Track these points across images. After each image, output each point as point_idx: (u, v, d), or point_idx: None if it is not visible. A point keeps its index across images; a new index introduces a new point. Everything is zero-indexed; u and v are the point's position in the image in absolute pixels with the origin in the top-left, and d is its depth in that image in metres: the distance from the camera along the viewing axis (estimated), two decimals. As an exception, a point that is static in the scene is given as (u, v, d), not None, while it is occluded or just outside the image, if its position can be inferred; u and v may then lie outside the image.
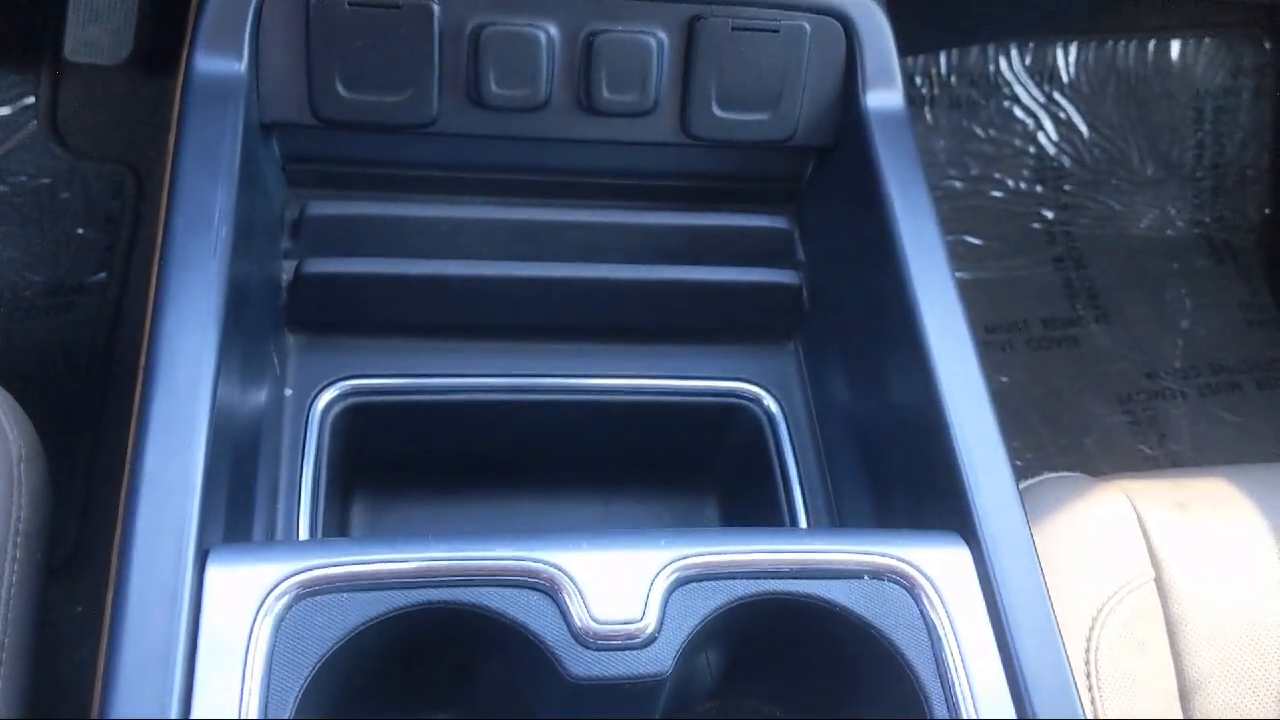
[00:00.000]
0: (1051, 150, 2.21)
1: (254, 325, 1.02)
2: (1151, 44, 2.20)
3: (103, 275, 1.84)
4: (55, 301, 1.83)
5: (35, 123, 1.94)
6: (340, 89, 1.07)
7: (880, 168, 1.08)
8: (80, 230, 1.88)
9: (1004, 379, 2.01)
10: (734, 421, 1.20)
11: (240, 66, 1.02)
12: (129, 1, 1.77)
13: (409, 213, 1.15)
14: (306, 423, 1.10)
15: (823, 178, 1.21)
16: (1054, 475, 1.26)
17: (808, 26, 1.12)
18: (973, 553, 0.90)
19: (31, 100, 1.93)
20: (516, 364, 1.17)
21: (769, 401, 1.19)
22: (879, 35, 1.13)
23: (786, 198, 1.24)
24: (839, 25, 1.13)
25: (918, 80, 2.15)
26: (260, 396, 1.05)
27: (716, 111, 1.15)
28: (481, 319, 1.17)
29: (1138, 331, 2.13)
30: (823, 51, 1.13)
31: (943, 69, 2.16)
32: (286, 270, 1.13)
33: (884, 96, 1.13)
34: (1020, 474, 0.98)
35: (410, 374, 1.15)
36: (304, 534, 1.04)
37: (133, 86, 1.94)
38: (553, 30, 1.09)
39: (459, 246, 1.15)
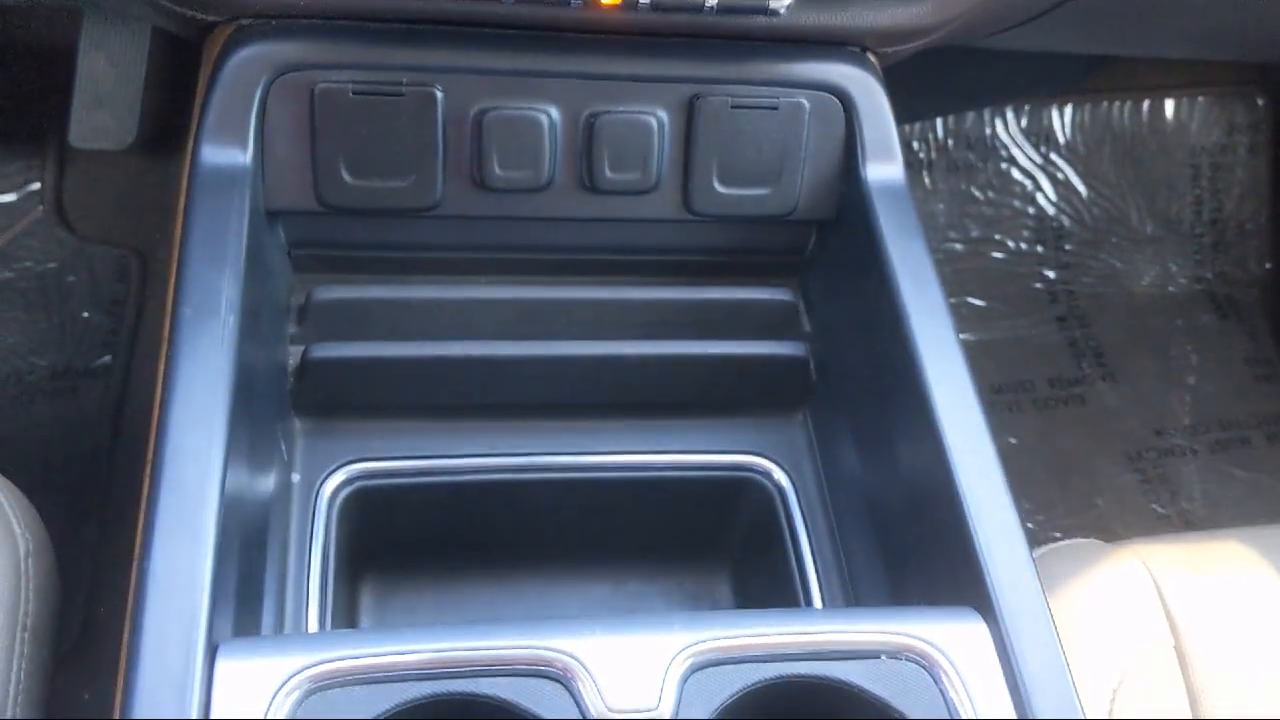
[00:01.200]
0: (1050, 210, 2.22)
1: (261, 412, 1.02)
2: (1146, 103, 2.22)
3: (108, 358, 1.85)
4: (60, 385, 1.84)
5: (41, 208, 1.95)
6: (345, 175, 1.08)
7: (882, 239, 1.08)
8: (85, 314, 1.89)
9: (1013, 440, 2.01)
10: (744, 496, 1.19)
11: (245, 156, 1.03)
12: (134, 87, 1.79)
13: (414, 295, 1.15)
14: (314, 509, 1.09)
15: (825, 250, 1.21)
16: (1068, 542, 1.25)
17: (806, 103, 1.13)
18: (990, 628, 0.89)
19: (37, 186, 1.95)
20: (524, 442, 1.17)
21: (779, 475, 1.18)
22: (877, 110, 1.14)
23: (790, 270, 1.24)
24: (837, 101, 1.14)
25: (915, 145, 2.17)
26: (268, 483, 1.05)
27: (718, 188, 1.15)
28: (488, 398, 1.17)
29: (1144, 389, 2.12)
30: (822, 127, 1.14)
31: (940, 133, 2.18)
32: (293, 355, 1.13)
33: (884, 169, 1.14)
34: (1033, 538, 0.98)
35: (417, 455, 1.15)
36: (313, 624, 1.03)
37: (138, 170, 1.96)
38: (554, 113, 1.10)
39: (465, 327, 1.16)
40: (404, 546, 1.19)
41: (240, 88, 1.04)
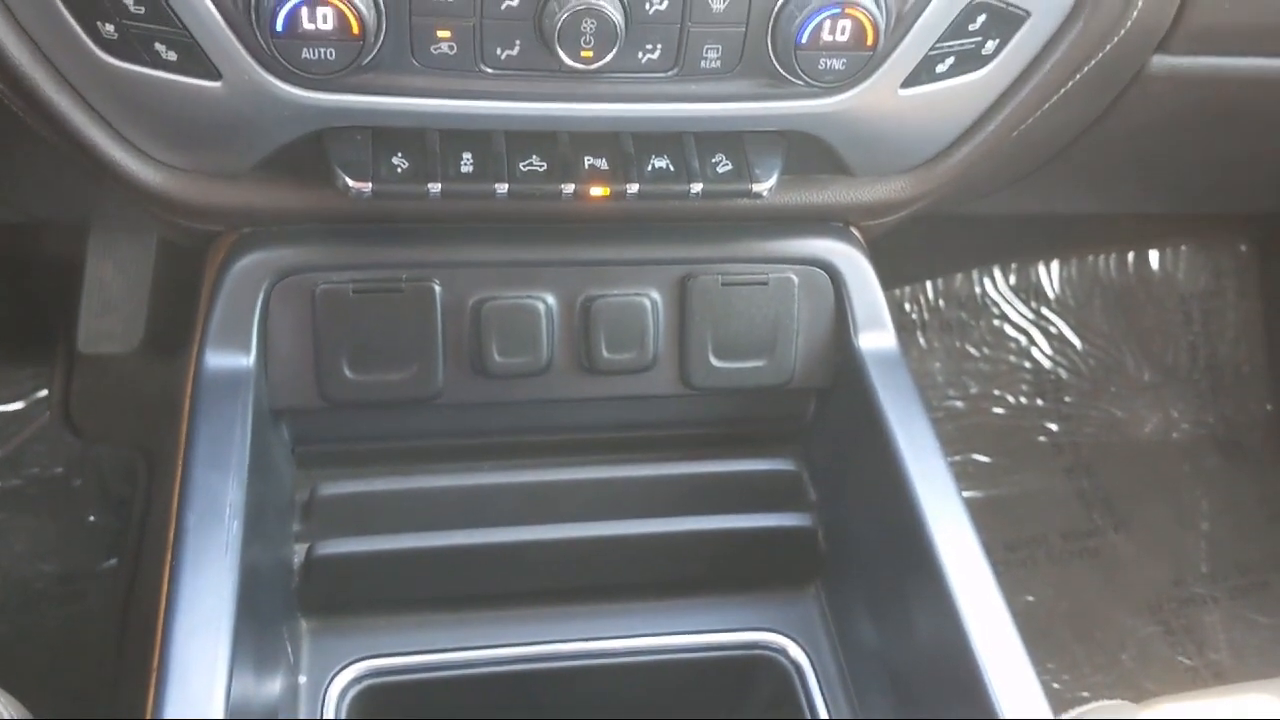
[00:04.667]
0: (1047, 364, 2.24)
1: (266, 613, 1.01)
2: (1130, 255, 2.26)
3: (114, 561, 1.83)
4: (67, 590, 1.82)
5: (48, 414, 1.97)
6: (347, 371, 1.10)
7: (881, 407, 1.09)
8: (91, 517, 1.88)
9: (1030, 598, 1.97)
10: (760, 675, 1.17)
11: (249, 359, 1.05)
12: (141, 292, 1.83)
13: (417, 485, 1.16)
14: (322, 709, 1.07)
15: (825, 417, 1.22)
16: (1096, 705, 1.22)
17: (795, 277, 1.16)
18: (1020, 802, 0.87)
19: (45, 393, 1.97)
20: (534, 629, 1.16)
21: (795, 651, 1.16)
22: (864, 281, 1.17)
23: (791, 439, 1.25)
24: (825, 274, 1.16)
25: (907, 307, 2.21)
26: (274, 687, 1.03)
27: (714, 362, 1.17)
28: (496, 587, 1.16)
29: (1158, 537, 2.10)
30: (812, 299, 1.17)
31: (930, 294, 2.22)
32: (298, 553, 1.12)
33: (876, 338, 1.16)
34: (1059, 699, 0.96)
35: (425, 650, 1.13)
36: None
37: (144, 372, 1.98)
38: (550, 299, 1.13)
39: (470, 515, 1.16)
40: None
41: (243, 293, 1.06)
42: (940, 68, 1.02)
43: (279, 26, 0.86)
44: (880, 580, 1.11)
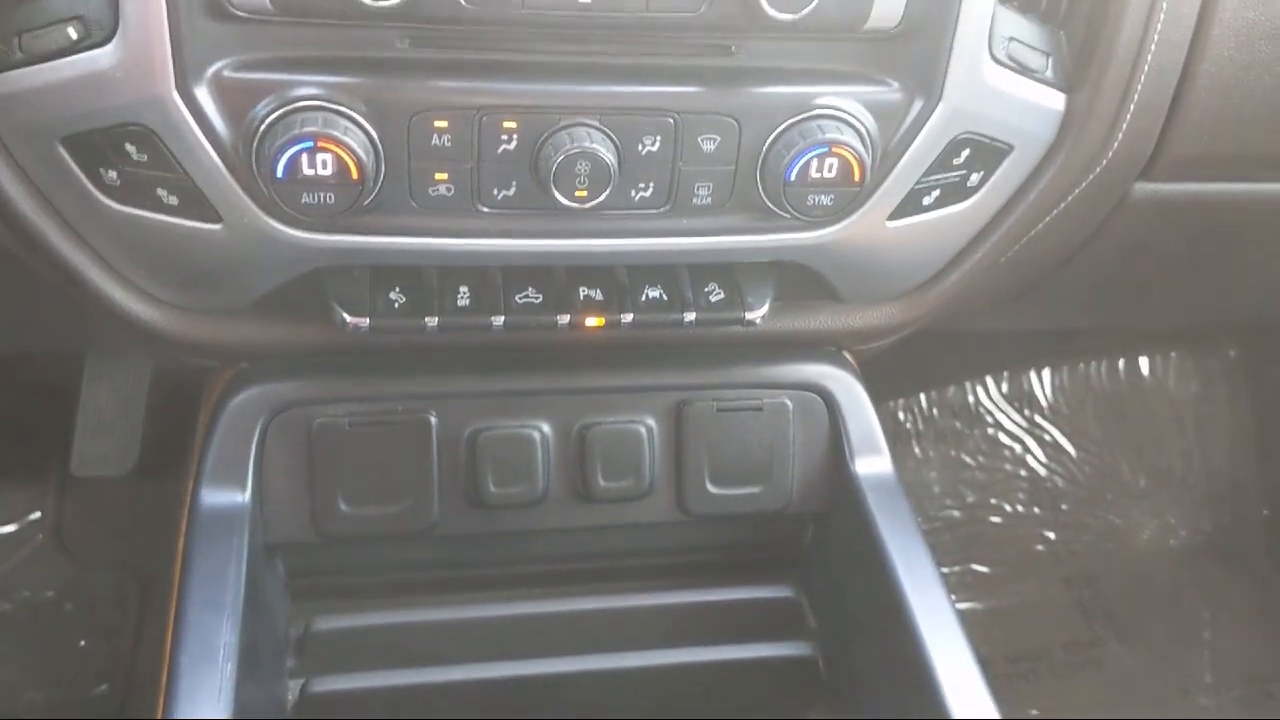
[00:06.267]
0: (1043, 472, 2.24)
1: (260, 756, 1.00)
2: (1121, 362, 2.27)
3: (105, 688, 1.81)
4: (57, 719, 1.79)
5: (40, 536, 1.96)
6: (342, 505, 1.10)
7: (879, 535, 1.09)
8: (82, 642, 1.86)
9: (1034, 711, 1.94)
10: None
11: (244, 495, 1.05)
12: (135, 414, 1.83)
13: (413, 619, 1.15)
14: None
15: (823, 542, 1.22)
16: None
17: (789, 402, 1.16)
18: None
19: (37, 515, 1.96)
20: None
21: (797, 783, 1.14)
22: (858, 405, 1.17)
23: (789, 564, 1.24)
24: (819, 399, 1.17)
25: (901, 415, 2.21)
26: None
27: (711, 488, 1.17)
28: None
29: (1161, 647, 2.08)
30: (807, 423, 1.17)
31: (924, 403, 2.22)
32: (292, 690, 1.11)
33: (872, 462, 1.16)
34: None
35: None
36: None
37: (136, 494, 1.97)
38: (546, 428, 1.13)
39: (465, 649, 1.14)
40: None
41: (240, 429, 1.07)
42: (926, 200, 1.04)
43: (279, 173, 0.88)
44: (883, 710, 1.10)
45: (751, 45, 0.94)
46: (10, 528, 1.94)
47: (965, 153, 1.01)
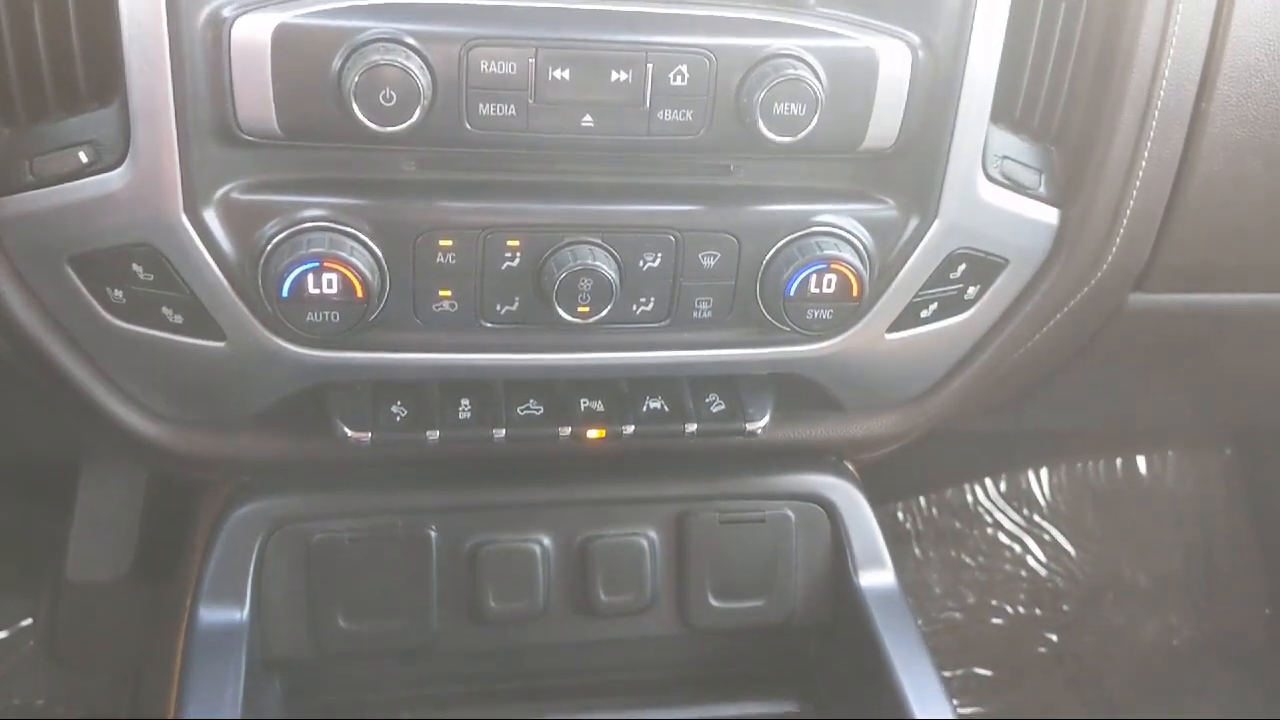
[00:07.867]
0: (1043, 572, 2.22)
1: None
2: (1119, 461, 2.27)
3: (94, 803, 1.77)
4: (43, 833, 1.75)
5: (31, 643, 1.93)
6: (341, 622, 1.09)
7: (885, 651, 1.08)
8: (73, 752, 1.83)
9: (1040, 818, 1.91)
10: None
11: (242, 613, 1.04)
12: (131, 517, 1.82)
13: None
14: None
15: (827, 657, 1.20)
16: None
17: (791, 514, 1.16)
18: None
19: (29, 622, 1.94)
20: None
21: None
22: (860, 516, 1.17)
23: (793, 679, 1.23)
24: (821, 509, 1.17)
25: (900, 516, 2.20)
26: None
27: (713, 602, 1.16)
28: None
29: (1167, 750, 2.05)
30: (810, 535, 1.17)
31: (924, 503, 2.22)
32: None
33: (875, 576, 1.15)
34: None
35: None
36: None
37: (131, 597, 1.95)
38: (547, 541, 1.13)
39: None
40: None
41: (239, 544, 1.06)
42: (924, 313, 1.05)
43: (285, 292, 0.88)
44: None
45: (751, 165, 0.96)
46: (1, 634, 1.92)
47: (962, 267, 1.02)
